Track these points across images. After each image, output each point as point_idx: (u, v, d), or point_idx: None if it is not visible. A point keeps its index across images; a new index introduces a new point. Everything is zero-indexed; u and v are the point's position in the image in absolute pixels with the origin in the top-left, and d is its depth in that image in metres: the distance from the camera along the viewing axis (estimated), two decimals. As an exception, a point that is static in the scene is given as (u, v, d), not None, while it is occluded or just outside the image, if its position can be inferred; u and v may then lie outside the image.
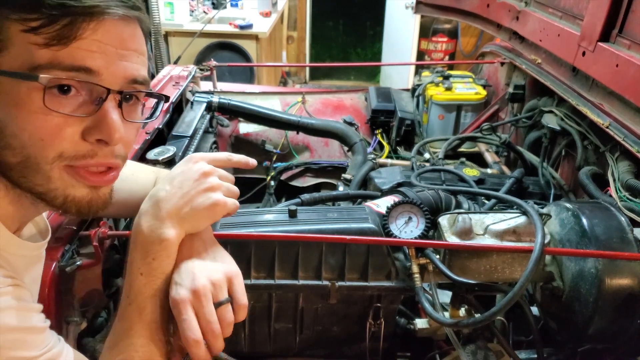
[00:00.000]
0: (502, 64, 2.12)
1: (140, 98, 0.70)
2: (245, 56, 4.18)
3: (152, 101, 0.77)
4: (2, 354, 0.59)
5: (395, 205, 1.10)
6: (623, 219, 1.03)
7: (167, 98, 0.78)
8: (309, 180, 2.16)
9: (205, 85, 2.16)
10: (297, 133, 2.05)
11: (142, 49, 0.67)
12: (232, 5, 4.93)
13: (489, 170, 1.80)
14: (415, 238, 1.06)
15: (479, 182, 1.58)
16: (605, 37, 1.33)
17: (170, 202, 0.75)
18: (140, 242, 0.74)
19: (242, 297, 0.75)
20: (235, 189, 0.81)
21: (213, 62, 2.14)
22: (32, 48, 0.58)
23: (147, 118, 0.74)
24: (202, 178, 0.77)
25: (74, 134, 0.62)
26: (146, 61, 0.69)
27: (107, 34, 0.61)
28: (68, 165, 0.64)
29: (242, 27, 4.24)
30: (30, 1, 0.57)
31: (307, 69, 6.11)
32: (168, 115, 1.70)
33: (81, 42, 0.59)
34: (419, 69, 4.29)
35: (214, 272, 0.74)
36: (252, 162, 0.87)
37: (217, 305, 0.72)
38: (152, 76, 2.15)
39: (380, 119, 2.20)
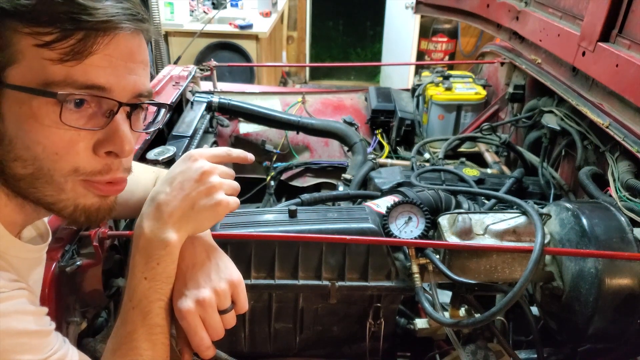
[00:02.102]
0: (502, 64, 2.12)
1: (144, 108, 0.71)
2: (245, 56, 4.18)
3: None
4: (9, 357, 0.59)
5: (395, 205, 1.10)
6: (623, 219, 1.03)
7: (170, 107, 0.78)
8: (309, 180, 2.16)
9: (205, 85, 2.17)
10: (297, 133, 2.05)
11: (147, 60, 0.68)
12: (232, 5, 4.93)
13: (488, 170, 1.80)
14: (415, 238, 1.06)
15: (479, 182, 1.58)
16: (605, 37, 1.33)
17: (172, 205, 0.74)
18: (143, 246, 0.73)
19: (245, 304, 0.77)
20: (236, 185, 0.80)
21: (213, 62, 2.15)
22: (46, 63, 0.58)
23: (149, 125, 0.74)
24: (203, 178, 0.75)
25: (86, 147, 0.63)
26: (149, 71, 0.70)
27: (117, 48, 0.61)
28: (83, 180, 0.65)
29: (242, 27, 4.24)
30: (42, 15, 0.57)
31: (307, 69, 6.11)
32: (168, 116, 1.70)
33: (94, 57, 0.59)
34: (419, 69, 4.29)
35: (217, 281, 0.74)
36: (250, 157, 0.85)
37: (222, 313, 0.74)
38: (152, 77, 2.15)
39: (380, 119, 2.20)
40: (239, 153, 0.84)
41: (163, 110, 0.78)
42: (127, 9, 0.62)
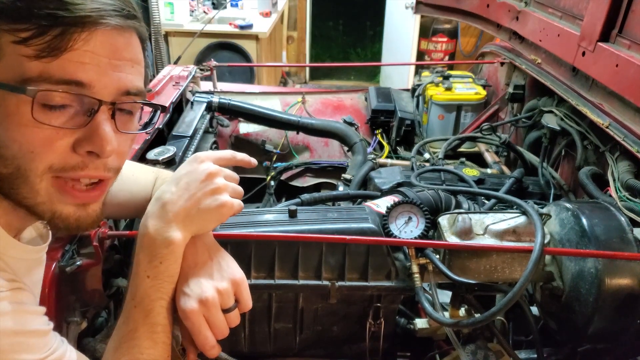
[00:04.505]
0: (502, 64, 2.12)
1: (136, 108, 0.69)
2: (245, 56, 4.18)
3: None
4: (6, 357, 0.59)
5: (395, 205, 1.10)
6: (623, 218, 1.03)
7: (163, 108, 0.77)
8: (309, 180, 2.16)
9: (205, 86, 2.17)
10: (297, 133, 2.05)
11: (137, 58, 0.65)
12: (232, 5, 4.93)
13: (488, 170, 1.80)
14: (415, 238, 1.06)
15: (479, 182, 1.58)
16: (605, 37, 1.33)
17: (177, 204, 0.74)
18: (147, 244, 0.73)
19: (248, 302, 0.78)
20: (240, 189, 0.81)
21: (213, 62, 2.15)
22: (23, 60, 0.56)
23: (142, 128, 0.73)
24: (208, 179, 0.76)
25: (65, 146, 0.61)
26: (142, 70, 0.67)
27: (99, 45, 0.59)
28: (56, 176, 0.62)
29: (242, 27, 4.24)
30: (20, 12, 0.56)
31: (307, 69, 6.10)
32: (168, 116, 1.70)
33: (72, 53, 0.58)
34: (419, 69, 4.29)
35: (220, 280, 0.75)
36: (254, 161, 0.87)
37: (226, 312, 0.75)
38: (152, 77, 2.15)
39: (380, 119, 2.20)
40: (243, 157, 0.86)
41: (158, 114, 0.76)
42: (111, 4, 0.60)
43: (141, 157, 1.38)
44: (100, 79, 0.60)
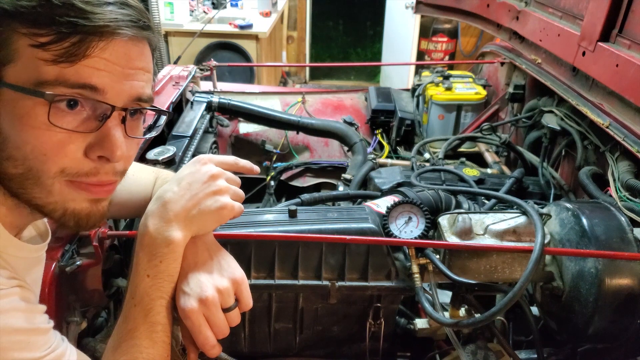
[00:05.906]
0: (502, 63, 2.12)
1: (143, 113, 0.70)
2: (245, 56, 4.19)
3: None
4: (7, 355, 0.59)
5: (395, 205, 1.10)
6: (623, 218, 1.03)
7: (170, 114, 0.78)
8: (309, 180, 2.16)
9: (205, 85, 2.17)
10: (297, 133, 2.05)
11: (148, 66, 0.67)
12: (232, 5, 4.93)
13: (489, 170, 1.80)
14: (415, 238, 1.06)
15: (479, 182, 1.58)
16: (605, 37, 1.33)
17: (178, 204, 0.75)
18: (147, 243, 0.74)
19: (248, 301, 0.78)
20: (241, 193, 0.82)
21: (213, 62, 2.15)
22: (40, 63, 0.58)
23: (146, 131, 0.74)
24: (210, 180, 0.77)
25: (76, 150, 0.63)
26: (152, 78, 0.69)
27: (115, 53, 0.61)
28: (69, 180, 0.64)
29: (242, 27, 4.24)
30: (40, 17, 0.57)
31: (307, 69, 6.11)
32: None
33: (89, 60, 0.59)
34: (419, 69, 4.28)
35: (220, 280, 0.75)
36: (256, 169, 0.88)
37: (226, 311, 0.75)
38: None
39: (380, 119, 2.20)
40: (245, 163, 0.87)
41: (162, 118, 0.78)
42: (128, 15, 0.62)
43: (141, 157, 1.38)
44: (113, 86, 0.62)
